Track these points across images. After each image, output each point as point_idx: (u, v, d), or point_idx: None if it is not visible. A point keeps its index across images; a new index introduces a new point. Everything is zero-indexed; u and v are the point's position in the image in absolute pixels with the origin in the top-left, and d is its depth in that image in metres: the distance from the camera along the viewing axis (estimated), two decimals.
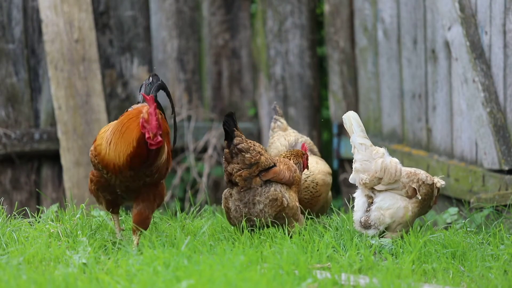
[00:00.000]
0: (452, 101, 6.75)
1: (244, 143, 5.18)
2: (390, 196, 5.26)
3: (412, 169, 5.33)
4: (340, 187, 8.08)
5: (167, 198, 7.89)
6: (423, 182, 5.27)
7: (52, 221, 5.37)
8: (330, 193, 5.88)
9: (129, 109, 5.12)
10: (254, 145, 5.23)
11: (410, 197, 5.26)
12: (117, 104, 7.84)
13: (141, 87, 5.25)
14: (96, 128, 7.56)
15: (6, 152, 7.41)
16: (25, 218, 5.47)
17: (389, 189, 5.26)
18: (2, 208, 5.43)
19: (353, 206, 5.48)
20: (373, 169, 5.23)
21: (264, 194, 5.19)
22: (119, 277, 4.30)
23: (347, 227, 5.38)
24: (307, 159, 5.60)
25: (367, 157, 5.26)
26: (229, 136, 5.17)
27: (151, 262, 4.47)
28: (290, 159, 5.46)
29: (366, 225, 5.25)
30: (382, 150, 5.30)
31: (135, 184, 4.90)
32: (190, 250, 4.80)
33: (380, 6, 7.43)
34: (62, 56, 7.47)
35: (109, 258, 4.76)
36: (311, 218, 5.60)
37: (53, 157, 7.56)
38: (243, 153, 5.17)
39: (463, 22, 6.41)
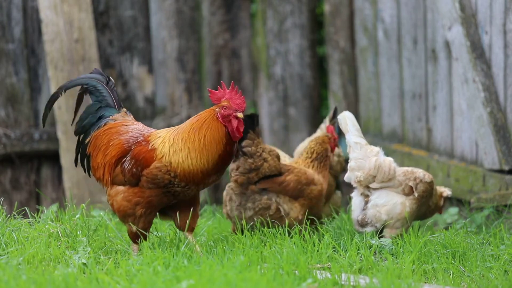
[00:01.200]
0: (453, 101, 6.74)
1: (253, 147, 5.19)
2: (386, 193, 5.28)
3: (410, 168, 5.35)
4: (341, 188, 8.07)
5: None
6: (421, 180, 5.29)
7: (52, 221, 5.36)
8: (337, 197, 5.89)
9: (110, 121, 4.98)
10: (263, 150, 5.22)
11: (407, 195, 5.27)
12: None
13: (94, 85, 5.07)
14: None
15: (6, 152, 7.40)
16: (24, 218, 5.46)
17: (385, 187, 5.28)
18: (2, 208, 5.43)
19: (351, 206, 5.52)
20: (367, 167, 5.25)
21: (256, 202, 5.20)
22: (119, 277, 4.29)
23: (347, 227, 5.38)
24: (334, 141, 5.61)
25: (362, 155, 5.30)
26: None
27: (151, 262, 4.46)
28: (314, 150, 5.45)
29: (363, 223, 5.26)
30: (377, 148, 5.33)
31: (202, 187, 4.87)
32: (190, 250, 4.80)
33: (380, 6, 7.43)
34: (62, 56, 7.46)
35: (109, 258, 4.75)
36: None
37: (53, 157, 7.56)
38: (246, 157, 5.18)
39: (464, 22, 6.40)
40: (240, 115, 4.72)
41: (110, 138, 4.92)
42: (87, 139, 4.99)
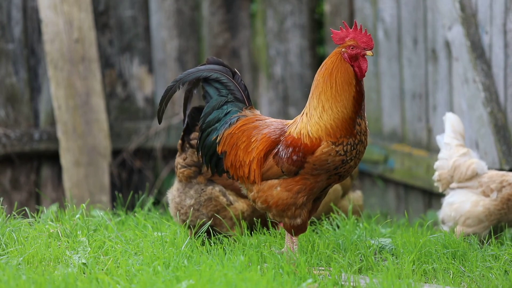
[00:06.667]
0: (453, 101, 6.74)
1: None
2: (460, 192, 5.38)
3: (502, 172, 5.39)
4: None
5: (167, 198, 7.87)
6: (509, 183, 5.28)
7: (52, 221, 5.36)
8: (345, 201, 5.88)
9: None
10: None
11: (487, 196, 5.31)
12: (117, 104, 7.83)
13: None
14: (95, 128, 7.55)
15: (6, 152, 7.40)
16: (24, 218, 5.46)
17: (463, 187, 5.36)
18: (2, 208, 5.42)
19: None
20: (446, 167, 5.42)
21: (199, 192, 5.07)
22: (119, 277, 4.29)
23: (347, 226, 5.38)
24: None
25: (447, 156, 5.45)
26: (188, 129, 5.03)
27: (151, 262, 4.46)
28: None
29: (443, 222, 5.43)
30: (464, 150, 5.44)
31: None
32: (190, 250, 4.79)
33: (381, 6, 7.43)
34: (62, 56, 7.46)
35: (109, 258, 4.75)
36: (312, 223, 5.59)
37: (53, 157, 7.56)
38: (194, 149, 5.04)
39: (464, 22, 6.40)
40: (370, 53, 4.57)
41: (249, 134, 4.69)
42: (215, 137, 4.76)
